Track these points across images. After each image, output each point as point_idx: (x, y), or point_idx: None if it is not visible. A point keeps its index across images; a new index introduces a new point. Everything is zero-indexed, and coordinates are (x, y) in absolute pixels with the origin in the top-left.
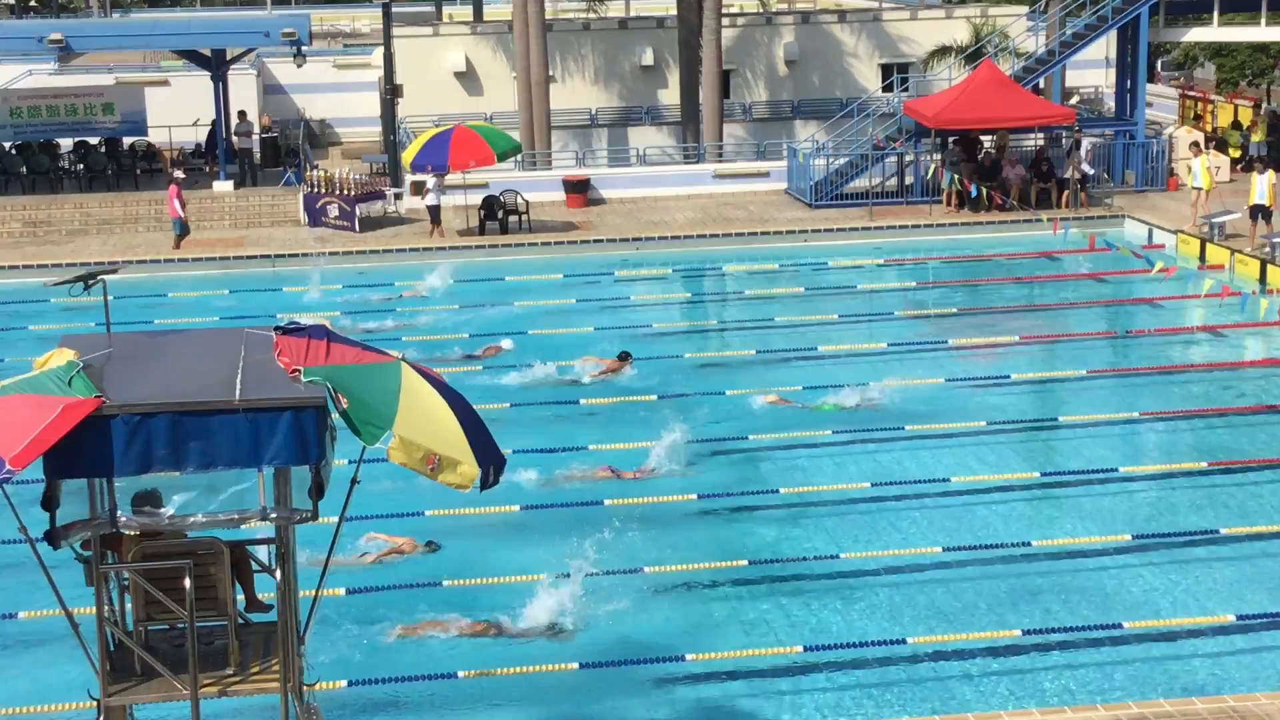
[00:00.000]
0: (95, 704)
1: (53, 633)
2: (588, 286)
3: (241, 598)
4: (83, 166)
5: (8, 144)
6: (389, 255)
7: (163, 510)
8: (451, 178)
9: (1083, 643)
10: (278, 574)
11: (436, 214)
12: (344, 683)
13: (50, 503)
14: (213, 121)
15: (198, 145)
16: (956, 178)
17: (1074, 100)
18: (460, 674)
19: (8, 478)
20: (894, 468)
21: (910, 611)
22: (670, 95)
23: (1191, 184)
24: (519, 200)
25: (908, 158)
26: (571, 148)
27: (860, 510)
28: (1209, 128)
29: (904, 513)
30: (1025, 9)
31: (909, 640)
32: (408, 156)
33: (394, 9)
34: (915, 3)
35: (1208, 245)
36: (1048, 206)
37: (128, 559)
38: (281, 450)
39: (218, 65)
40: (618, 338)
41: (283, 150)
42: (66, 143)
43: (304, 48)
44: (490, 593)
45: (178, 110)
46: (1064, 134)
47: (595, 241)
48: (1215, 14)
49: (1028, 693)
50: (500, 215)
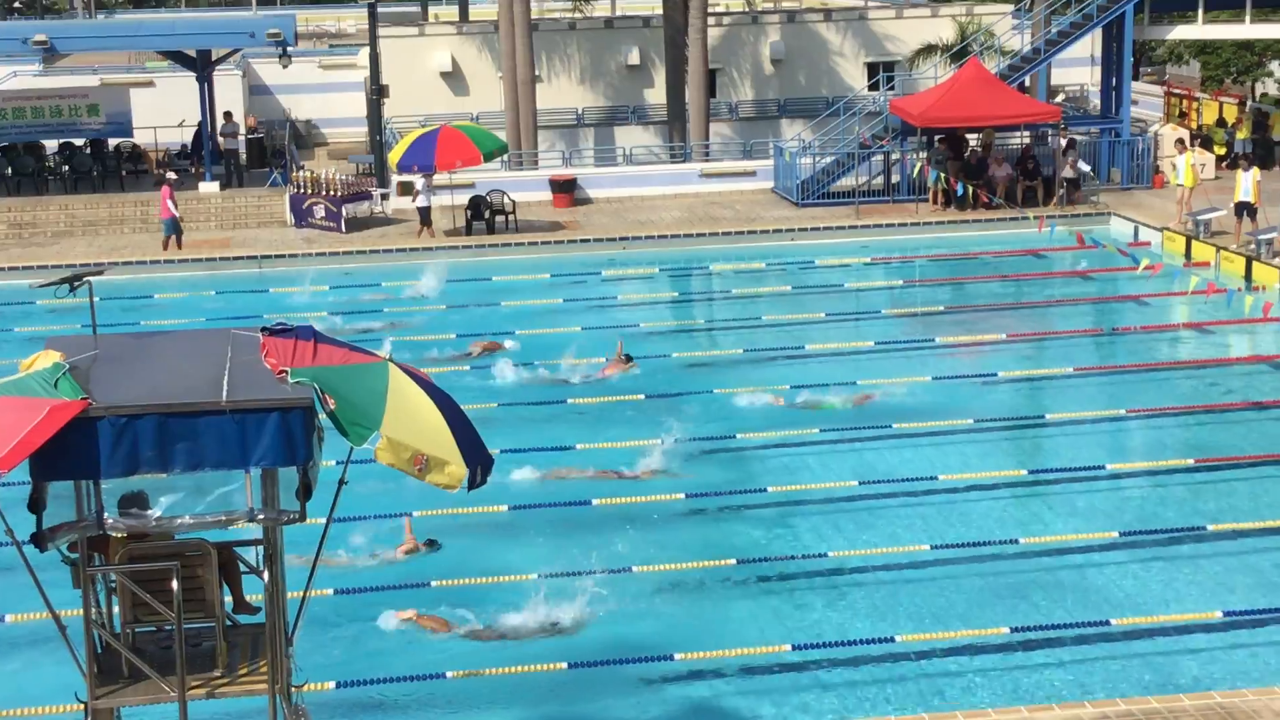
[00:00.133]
0: (83, 706)
1: (40, 635)
2: (574, 286)
3: (229, 599)
4: (68, 168)
5: None
6: (375, 256)
7: (150, 512)
8: (438, 178)
9: (1070, 640)
10: (265, 575)
11: (426, 215)
12: (332, 684)
13: (37, 505)
14: (198, 122)
15: (183, 146)
16: (942, 176)
17: (1059, 98)
18: (449, 674)
19: None
20: (881, 466)
21: (898, 609)
22: (656, 95)
23: (1175, 181)
24: (505, 200)
25: (894, 156)
26: (558, 147)
27: (848, 508)
28: (1194, 125)
29: (892, 511)
30: (1010, 7)
31: (897, 638)
32: (394, 157)
33: (379, 9)
34: (901, 1)
35: (1193, 242)
36: (1034, 205)
37: (115, 561)
38: (269, 451)
39: (203, 66)
40: (605, 337)
41: (268, 151)
42: (52, 144)
43: (289, 48)
44: (478, 593)
45: (163, 111)
46: (1049, 132)
47: (582, 241)
48: (1200, 11)
49: (1015, 690)
50: (487, 215)
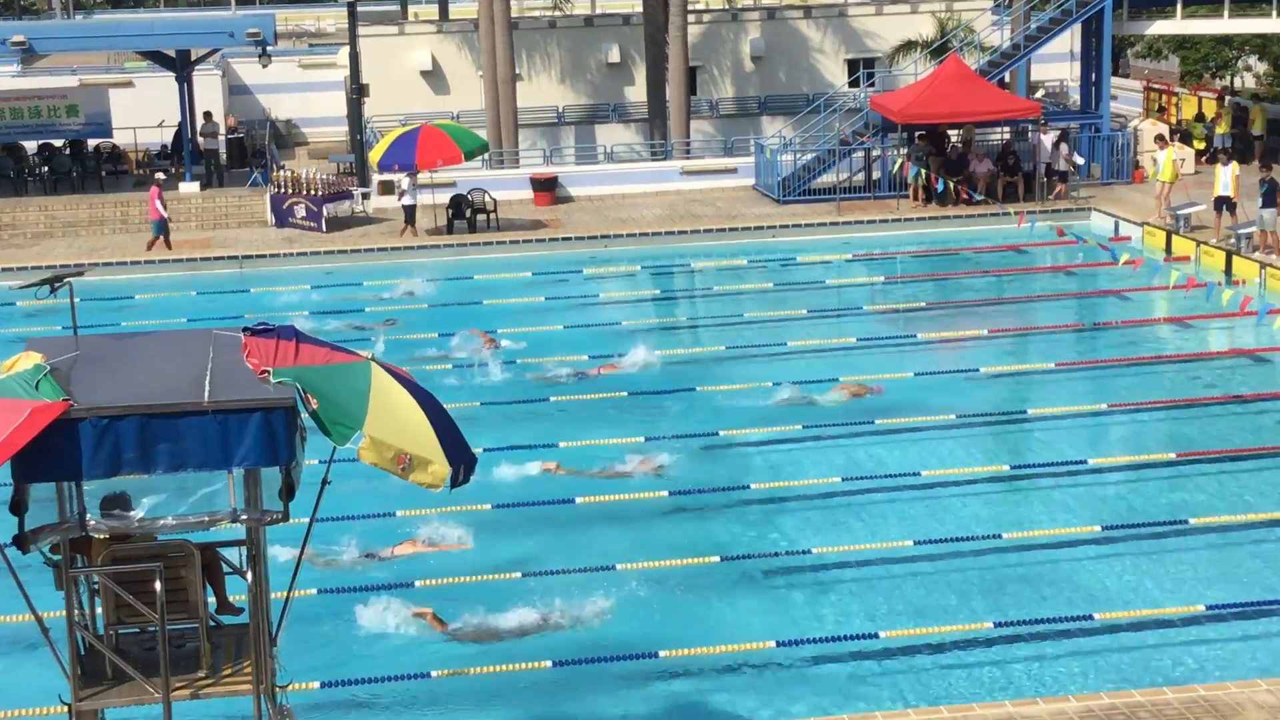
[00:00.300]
0: (66, 708)
1: (22, 637)
2: (556, 284)
3: (213, 600)
4: (47, 169)
5: None
6: (357, 255)
7: (132, 513)
8: (419, 177)
9: (1054, 634)
10: (249, 576)
11: (412, 214)
12: (317, 684)
13: (18, 507)
14: (178, 123)
15: (163, 146)
16: (923, 172)
17: (1039, 94)
18: (434, 674)
19: None
20: (865, 462)
21: (882, 604)
22: (637, 92)
23: (1155, 176)
24: (487, 199)
25: (875, 153)
26: (539, 146)
27: (831, 505)
28: (1173, 120)
29: (875, 506)
30: (990, 3)
31: (881, 634)
32: (374, 156)
33: (359, 8)
34: None
35: (1173, 237)
36: (1014, 200)
37: (97, 562)
38: (251, 452)
39: (182, 66)
40: (587, 335)
41: (249, 151)
42: (31, 145)
43: (269, 48)
44: (463, 591)
45: (142, 112)
46: (1029, 127)
47: (563, 239)
48: (1179, 7)
49: (1000, 684)
50: (468, 214)
